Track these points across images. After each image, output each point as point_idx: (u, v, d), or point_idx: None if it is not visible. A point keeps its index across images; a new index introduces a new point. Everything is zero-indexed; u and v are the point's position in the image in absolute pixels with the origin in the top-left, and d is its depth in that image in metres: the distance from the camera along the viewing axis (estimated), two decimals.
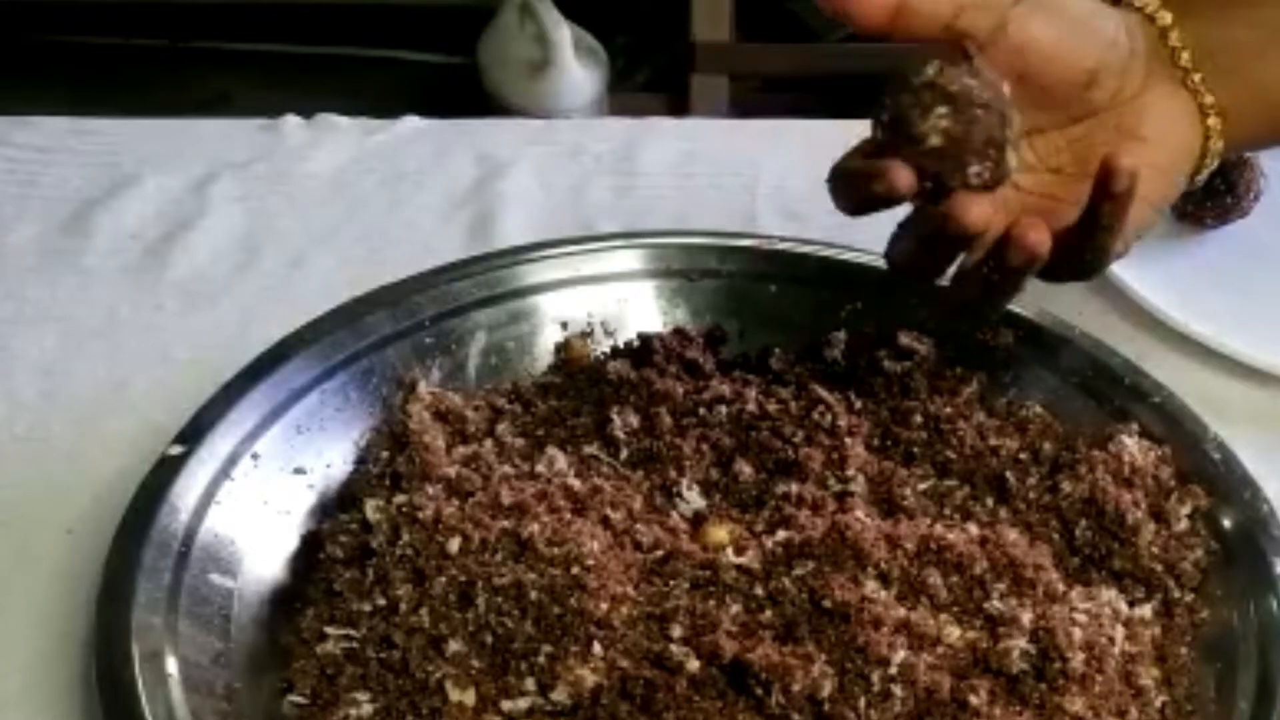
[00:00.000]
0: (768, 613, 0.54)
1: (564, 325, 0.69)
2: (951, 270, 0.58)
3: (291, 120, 0.89)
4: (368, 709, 0.52)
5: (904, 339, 0.66)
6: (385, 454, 0.60)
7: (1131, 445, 0.61)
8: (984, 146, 0.52)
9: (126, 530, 0.56)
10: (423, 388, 0.64)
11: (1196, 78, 0.58)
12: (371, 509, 0.57)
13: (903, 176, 0.52)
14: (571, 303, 0.69)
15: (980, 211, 0.52)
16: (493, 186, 0.84)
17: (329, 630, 0.54)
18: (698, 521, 0.59)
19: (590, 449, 0.62)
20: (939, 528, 0.57)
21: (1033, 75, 0.56)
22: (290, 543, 0.59)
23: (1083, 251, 0.55)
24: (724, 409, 0.63)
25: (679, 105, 1.87)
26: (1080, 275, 0.57)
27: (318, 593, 0.56)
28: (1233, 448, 0.62)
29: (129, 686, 0.51)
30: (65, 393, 0.70)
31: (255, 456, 0.60)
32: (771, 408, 0.63)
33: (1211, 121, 0.59)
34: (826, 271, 0.70)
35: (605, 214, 0.82)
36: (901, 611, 0.53)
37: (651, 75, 2.06)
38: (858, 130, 0.56)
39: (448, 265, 0.69)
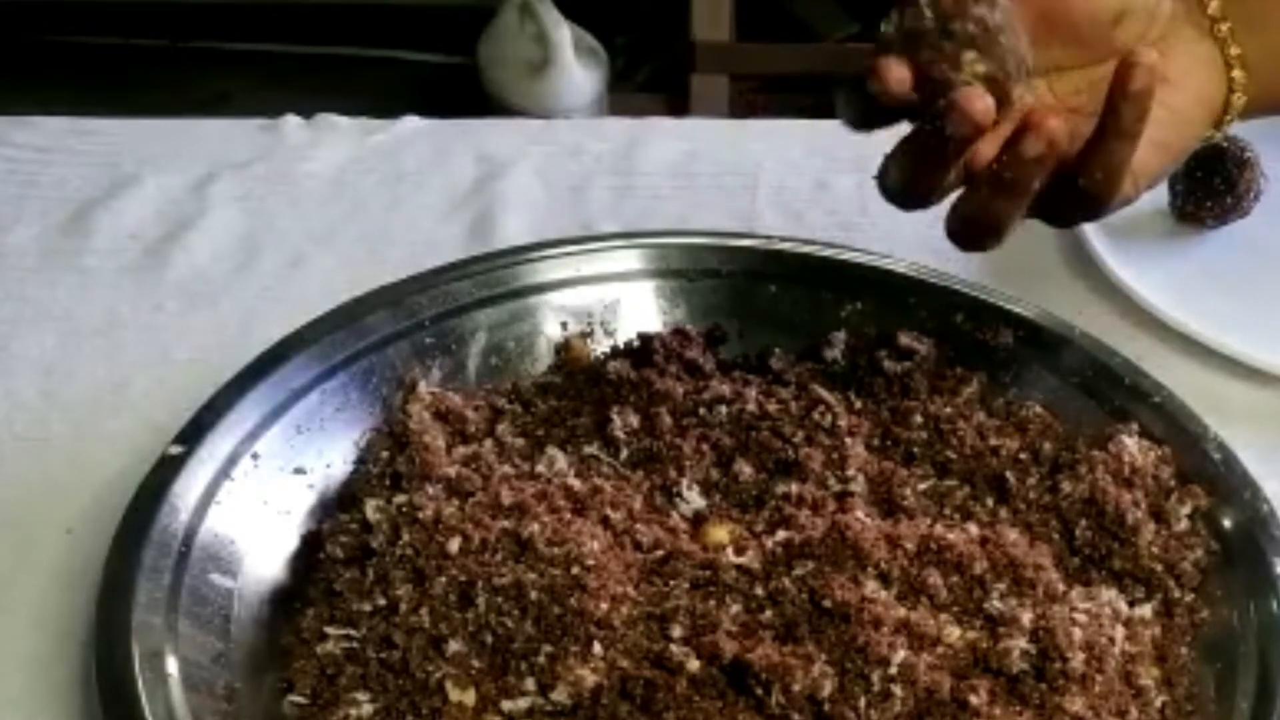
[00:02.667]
0: (768, 613, 0.54)
1: (564, 325, 0.69)
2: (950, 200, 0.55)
3: (291, 120, 0.89)
4: (368, 709, 0.52)
5: (904, 339, 0.66)
6: (385, 454, 0.60)
7: (1131, 445, 0.61)
8: (991, 45, 0.51)
9: (127, 530, 0.56)
10: (423, 388, 0.64)
11: (1224, 27, 0.57)
12: (371, 509, 0.57)
13: (893, 69, 0.50)
14: (572, 302, 0.69)
15: (984, 104, 0.50)
16: (493, 186, 0.84)
17: (329, 630, 0.54)
18: (698, 521, 0.59)
19: (590, 449, 0.62)
20: (939, 528, 0.57)
21: (1060, 12, 0.55)
22: (290, 543, 0.59)
23: (1094, 170, 0.52)
24: (724, 409, 0.63)
25: (679, 105, 1.87)
26: (1088, 206, 0.55)
27: (318, 593, 0.56)
28: (1233, 447, 0.61)
29: (129, 686, 0.51)
30: (65, 392, 0.70)
31: (255, 456, 0.60)
32: (771, 408, 0.63)
33: (1236, 74, 0.58)
34: (827, 271, 0.70)
35: (605, 214, 0.82)
36: (901, 611, 0.53)
37: (651, 75, 2.06)
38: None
39: (448, 265, 0.69)
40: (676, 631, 0.53)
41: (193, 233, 0.80)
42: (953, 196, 0.56)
